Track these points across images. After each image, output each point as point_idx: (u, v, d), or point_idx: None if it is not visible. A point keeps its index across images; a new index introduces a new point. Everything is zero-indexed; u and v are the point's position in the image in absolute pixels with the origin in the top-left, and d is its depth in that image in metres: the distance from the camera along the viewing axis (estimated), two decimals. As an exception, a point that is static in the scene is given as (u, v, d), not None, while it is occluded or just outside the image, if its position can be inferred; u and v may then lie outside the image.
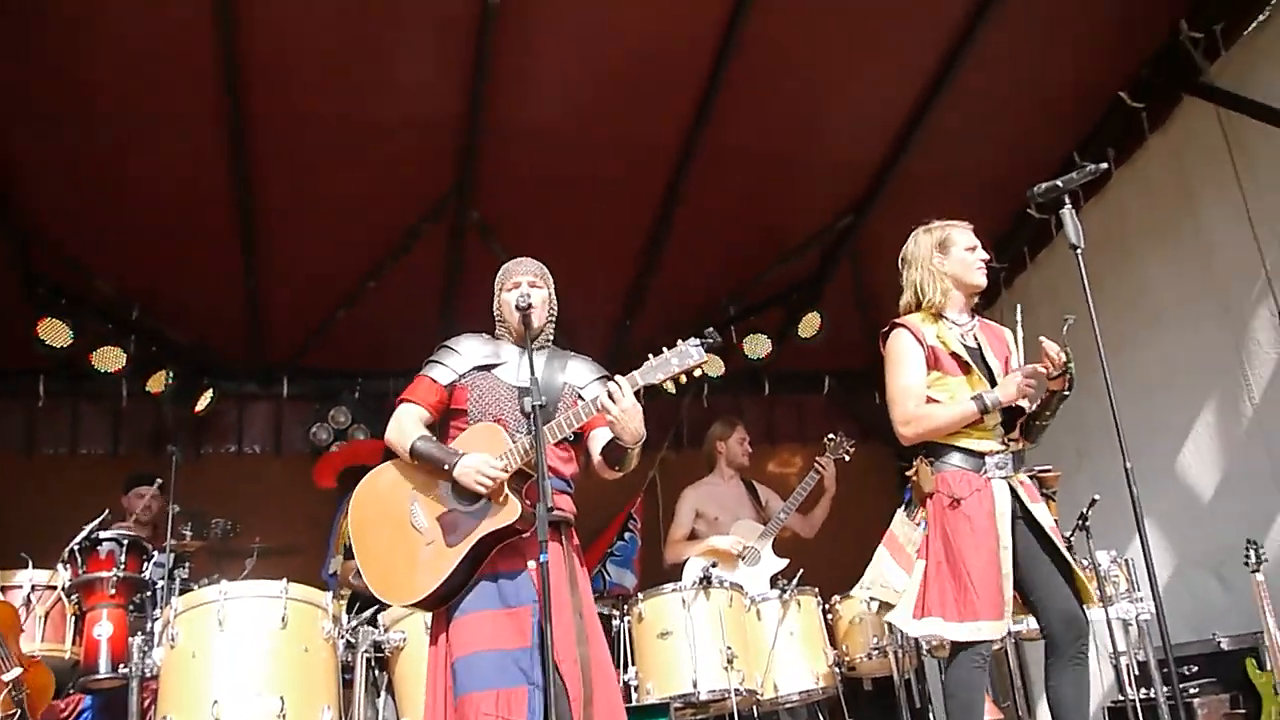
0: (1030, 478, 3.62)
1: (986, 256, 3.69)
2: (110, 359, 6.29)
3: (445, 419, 3.37)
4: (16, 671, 3.63)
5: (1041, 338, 3.44)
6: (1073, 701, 3.35)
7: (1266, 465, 5.18)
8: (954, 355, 3.57)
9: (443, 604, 3.19)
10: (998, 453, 3.50)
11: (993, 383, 3.53)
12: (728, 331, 7.05)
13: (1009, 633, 3.70)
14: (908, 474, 3.67)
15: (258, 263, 6.24)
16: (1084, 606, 3.45)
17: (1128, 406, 3.19)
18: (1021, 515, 3.47)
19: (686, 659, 4.45)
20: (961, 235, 3.68)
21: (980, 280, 3.67)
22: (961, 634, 3.34)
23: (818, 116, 5.85)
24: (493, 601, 3.11)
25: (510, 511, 3.10)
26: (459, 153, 5.75)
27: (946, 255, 3.66)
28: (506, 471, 3.10)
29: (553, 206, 6.12)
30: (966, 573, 3.34)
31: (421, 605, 3.24)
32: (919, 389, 3.54)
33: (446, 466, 3.14)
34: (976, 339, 3.65)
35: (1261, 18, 5.16)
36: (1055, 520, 3.61)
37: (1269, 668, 4.47)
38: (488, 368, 3.37)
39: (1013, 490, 3.48)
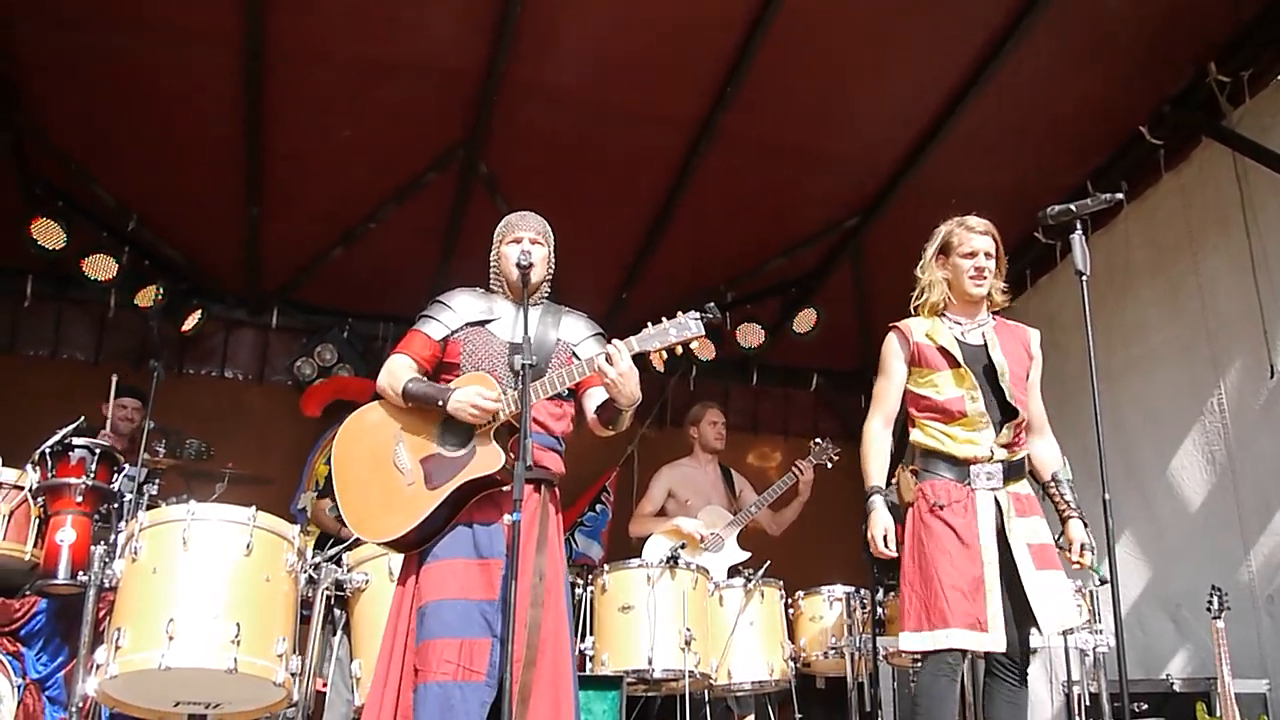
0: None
1: (982, 265, 3.59)
2: (102, 267, 6.29)
3: (436, 373, 3.34)
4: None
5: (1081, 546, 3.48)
6: None
7: (1234, 515, 5.20)
8: (941, 349, 3.55)
9: (416, 547, 3.17)
10: (983, 461, 3.46)
11: (992, 379, 3.50)
12: (723, 317, 7.04)
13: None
14: (891, 482, 3.65)
15: (262, 190, 6.19)
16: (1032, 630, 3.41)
17: (1107, 439, 3.20)
18: (998, 531, 3.40)
19: (645, 635, 4.47)
20: (965, 239, 3.60)
21: (973, 290, 3.60)
22: (921, 643, 3.33)
23: (839, 114, 5.81)
24: (467, 550, 3.10)
25: (494, 460, 3.08)
26: (474, 104, 5.69)
27: (946, 259, 3.65)
28: (499, 403, 3.08)
29: (563, 169, 6.09)
30: (938, 580, 3.31)
31: (395, 545, 3.23)
32: (888, 402, 3.64)
33: (440, 402, 3.12)
34: (984, 337, 3.61)
35: (1289, 70, 5.16)
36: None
37: (1218, 714, 4.50)
38: (482, 323, 3.35)
39: (998, 503, 3.43)
